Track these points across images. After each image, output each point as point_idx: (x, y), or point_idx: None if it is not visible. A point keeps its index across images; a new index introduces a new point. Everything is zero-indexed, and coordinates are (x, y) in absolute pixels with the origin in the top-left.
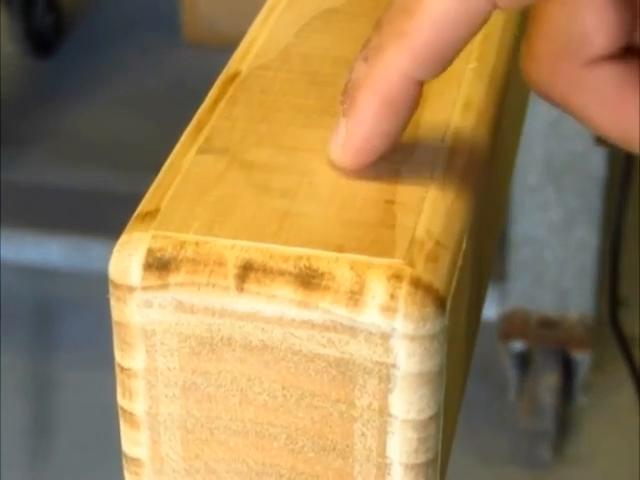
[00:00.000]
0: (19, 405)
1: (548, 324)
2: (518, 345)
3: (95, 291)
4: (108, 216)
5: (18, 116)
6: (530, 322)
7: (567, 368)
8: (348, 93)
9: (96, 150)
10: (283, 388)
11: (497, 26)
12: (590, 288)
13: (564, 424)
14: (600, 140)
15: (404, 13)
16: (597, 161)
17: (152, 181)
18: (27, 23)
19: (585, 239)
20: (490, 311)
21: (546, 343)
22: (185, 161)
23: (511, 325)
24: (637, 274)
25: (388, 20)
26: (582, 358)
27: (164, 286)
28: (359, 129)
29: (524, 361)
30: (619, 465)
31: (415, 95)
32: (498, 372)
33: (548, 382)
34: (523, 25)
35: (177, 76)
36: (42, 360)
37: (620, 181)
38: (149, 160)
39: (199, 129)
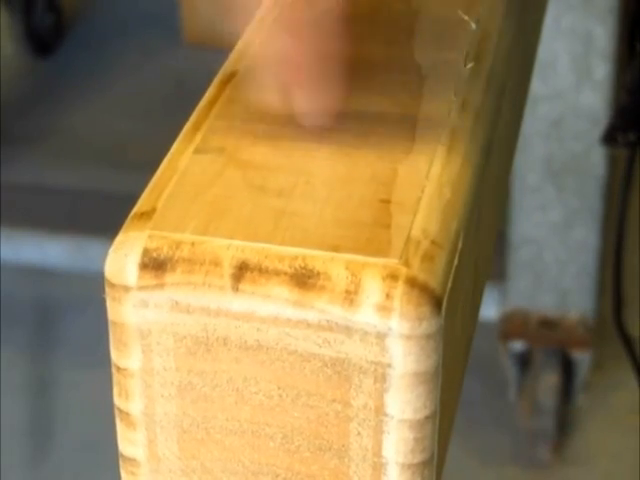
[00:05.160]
0: (19, 405)
1: (548, 324)
2: (518, 345)
3: (95, 291)
4: (108, 216)
5: (18, 116)
6: (530, 322)
7: (567, 368)
8: None
9: (96, 150)
10: (279, 388)
11: (495, 26)
12: (590, 288)
13: (564, 424)
14: (605, 140)
15: None
16: (597, 161)
17: None
18: (27, 23)
19: (585, 239)
20: (490, 311)
21: (546, 343)
22: (182, 161)
23: (511, 325)
24: (638, 274)
25: None
26: (582, 358)
27: (160, 286)
28: None
29: (524, 361)
30: (619, 465)
31: None
32: (498, 372)
33: (548, 382)
34: (522, 25)
35: (177, 76)
36: (42, 360)
37: (622, 182)
38: (149, 160)
39: (196, 129)
